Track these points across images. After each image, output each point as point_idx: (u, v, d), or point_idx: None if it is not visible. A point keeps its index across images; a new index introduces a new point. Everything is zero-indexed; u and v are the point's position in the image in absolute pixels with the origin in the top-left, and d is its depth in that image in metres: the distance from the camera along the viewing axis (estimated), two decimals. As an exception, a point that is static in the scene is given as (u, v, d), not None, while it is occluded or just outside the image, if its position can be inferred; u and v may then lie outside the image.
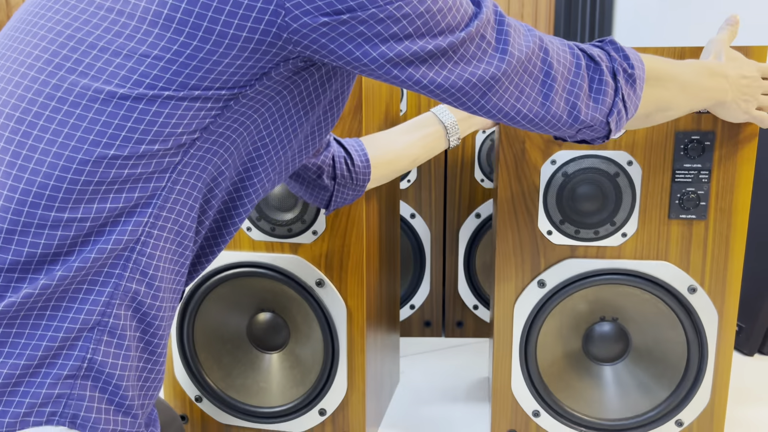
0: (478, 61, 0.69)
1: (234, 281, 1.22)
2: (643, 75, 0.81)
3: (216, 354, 1.27)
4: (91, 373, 0.61)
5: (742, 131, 1.08)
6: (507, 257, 1.18)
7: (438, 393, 1.51)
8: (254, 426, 1.28)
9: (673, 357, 1.18)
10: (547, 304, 1.17)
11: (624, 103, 0.79)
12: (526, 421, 1.23)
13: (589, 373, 1.23)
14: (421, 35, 0.65)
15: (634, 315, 1.19)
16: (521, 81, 0.72)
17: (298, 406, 1.24)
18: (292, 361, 1.26)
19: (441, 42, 0.66)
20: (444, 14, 0.65)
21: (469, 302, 1.80)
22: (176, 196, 0.64)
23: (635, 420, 1.19)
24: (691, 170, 1.10)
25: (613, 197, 1.12)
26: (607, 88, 0.77)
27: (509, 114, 0.74)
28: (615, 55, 0.79)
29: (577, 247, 1.16)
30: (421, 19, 0.64)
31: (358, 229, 1.16)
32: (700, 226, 1.12)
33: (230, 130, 0.66)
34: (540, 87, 0.73)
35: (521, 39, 0.72)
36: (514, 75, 0.71)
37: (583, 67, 0.76)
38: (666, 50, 1.07)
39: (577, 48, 0.78)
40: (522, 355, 1.20)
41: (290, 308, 1.24)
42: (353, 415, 1.23)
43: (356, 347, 1.20)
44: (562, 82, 0.74)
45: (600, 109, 0.77)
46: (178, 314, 1.23)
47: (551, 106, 0.74)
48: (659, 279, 1.13)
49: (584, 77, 0.76)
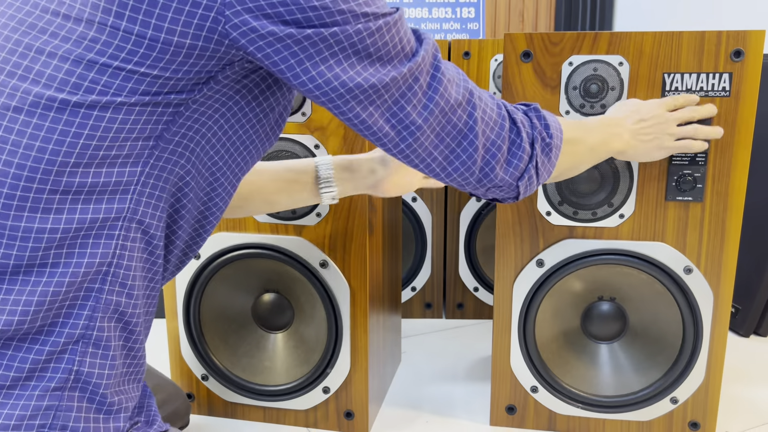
0: (406, 102, 0.68)
1: (239, 262, 1.25)
2: (560, 144, 0.83)
3: (222, 334, 1.30)
4: (79, 384, 0.63)
5: (738, 115, 1.10)
6: (507, 237, 1.20)
7: (439, 372, 1.54)
8: (259, 404, 1.31)
9: (669, 336, 1.21)
10: (546, 283, 1.19)
11: (536, 170, 0.81)
12: (525, 397, 1.26)
13: (587, 351, 1.26)
14: (365, 65, 0.64)
15: (632, 295, 1.22)
16: (443, 131, 0.72)
17: (303, 384, 1.27)
18: (296, 340, 1.29)
19: (381, 75, 0.65)
20: (387, 44, 0.65)
21: (470, 284, 1.82)
22: (144, 208, 0.65)
23: (631, 397, 1.22)
24: (688, 153, 1.12)
25: (611, 179, 1.15)
26: (523, 154, 0.79)
27: (426, 161, 0.74)
28: (537, 123, 0.81)
29: (575, 228, 1.18)
30: (369, 48, 0.64)
31: (361, 211, 1.18)
32: (696, 208, 1.14)
33: (186, 138, 0.66)
34: (461, 140, 0.74)
35: (452, 89, 0.72)
36: (436, 125, 0.71)
37: (506, 128, 0.77)
38: (664, 34, 1.09)
39: (504, 108, 0.79)
40: (521, 333, 1.23)
41: (294, 289, 1.27)
42: (356, 393, 1.26)
43: (359, 327, 1.23)
44: (483, 139, 0.75)
45: (512, 172, 0.79)
46: (185, 295, 1.26)
47: (467, 161, 0.75)
48: (656, 260, 1.16)
49: (505, 139, 0.77)
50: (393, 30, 0.65)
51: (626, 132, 1.00)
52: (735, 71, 1.08)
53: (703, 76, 1.09)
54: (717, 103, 1.10)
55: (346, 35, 0.62)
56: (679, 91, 1.10)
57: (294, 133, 1.18)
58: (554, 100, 1.13)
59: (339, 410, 1.28)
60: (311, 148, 1.17)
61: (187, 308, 1.27)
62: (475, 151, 0.74)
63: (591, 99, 1.12)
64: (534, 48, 1.12)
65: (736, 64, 1.08)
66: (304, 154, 1.18)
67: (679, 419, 1.23)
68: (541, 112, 0.83)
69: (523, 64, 1.13)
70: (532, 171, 0.80)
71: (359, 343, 1.24)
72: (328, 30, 0.61)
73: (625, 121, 1.01)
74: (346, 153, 1.17)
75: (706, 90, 1.09)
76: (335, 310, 1.22)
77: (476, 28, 3.29)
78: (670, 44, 1.09)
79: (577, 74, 1.12)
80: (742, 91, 1.09)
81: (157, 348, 1.66)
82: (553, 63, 1.12)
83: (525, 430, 1.28)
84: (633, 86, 1.11)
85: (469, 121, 0.73)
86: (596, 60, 1.11)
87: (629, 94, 1.11)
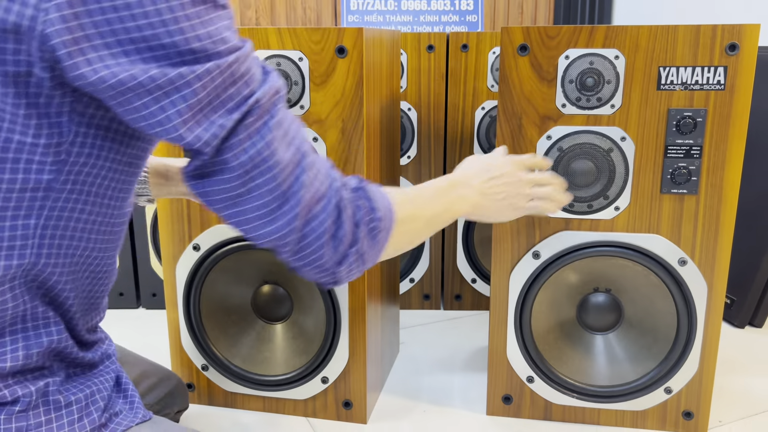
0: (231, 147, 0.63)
1: (239, 254, 1.26)
2: (390, 226, 0.76)
3: (222, 324, 1.32)
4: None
5: (733, 108, 1.11)
6: (503, 230, 1.22)
7: (436, 363, 1.56)
8: (259, 393, 1.32)
9: (664, 327, 1.22)
10: (542, 275, 1.21)
11: (360, 257, 0.73)
12: (521, 387, 1.28)
13: (583, 341, 1.27)
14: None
15: (627, 286, 1.23)
16: (263, 185, 0.65)
17: (302, 374, 1.28)
18: (295, 331, 1.31)
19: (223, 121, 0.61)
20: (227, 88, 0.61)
21: (468, 276, 1.84)
22: (45, 260, 0.64)
23: (626, 386, 1.23)
24: (683, 146, 1.13)
25: (606, 172, 1.16)
26: (344, 237, 0.71)
27: (238, 216, 0.67)
28: (363, 203, 0.73)
29: (571, 221, 1.19)
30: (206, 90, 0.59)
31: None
32: (691, 201, 1.16)
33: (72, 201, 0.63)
34: (281, 203, 0.66)
35: (283, 145, 0.65)
36: (257, 176, 0.64)
37: (332, 205, 0.70)
38: (660, 28, 1.09)
39: (337, 183, 0.72)
40: (517, 323, 1.24)
41: (294, 280, 1.28)
42: (354, 382, 1.28)
43: (358, 318, 1.24)
44: (306, 208, 0.67)
45: (332, 257, 0.71)
46: (185, 285, 1.27)
47: (284, 227, 0.67)
48: (651, 251, 1.17)
49: (330, 215, 0.69)
50: (226, 75, 0.61)
51: (474, 193, 0.93)
52: (730, 65, 1.09)
53: (698, 70, 1.10)
54: (712, 96, 1.11)
55: (184, 82, 0.58)
56: (675, 84, 1.11)
57: None
58: (550, 93, 1.14)
59: (338, 400, 1.30)
60: (310, 141, 1.18)
61: (188, 299, 1.28)
62: (295, 218, 0.67)
63: (587, 92, 1.13)
64: (531, 41, 1.13)
65: (731, 58, 1.09)
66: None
67: (673, 409, 1.24)
68: (369, 192, 0.75)
69: (520, 58, 1.14)
70: (353, 257, 0.72)
71: (357, 333, 1.25)
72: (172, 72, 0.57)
73: (473, 180, 0.94)
74: (345, 146, 1.18)
75: (701, 83, 1.10)
76: (334, 302, 1.24)
77: (475, 21, 3.29)
78: (665, 38, 1.10)
79: (574, 68, 1.13)
80: (737, 85, 1.10)
81: (157, 339, 1.68)
82: (550, 56, 1.13)
83: (521, 419, 1.30)
84: (629, 80, 1.12)
85: (294, 184, 0.66)
86: (592, 54, 1.12)
87: (625, 87, 1.12)
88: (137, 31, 0.55)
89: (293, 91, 1.17)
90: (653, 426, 1.26)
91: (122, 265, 1.85)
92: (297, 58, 1.15)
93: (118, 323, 1.79)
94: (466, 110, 1.73)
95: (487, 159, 0.98)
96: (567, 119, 1.15)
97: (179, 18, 0.56)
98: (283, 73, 1.16)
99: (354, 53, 1.14)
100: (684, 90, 1.11)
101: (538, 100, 1.15)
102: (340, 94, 1.16)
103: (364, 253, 0.73)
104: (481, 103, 1.72)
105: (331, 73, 1.15)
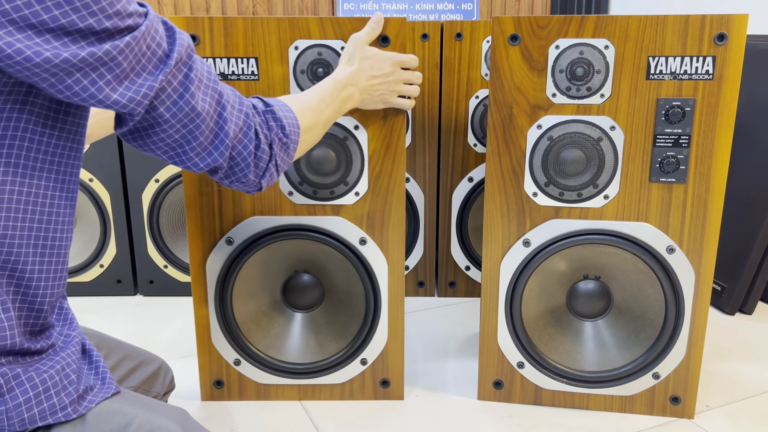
0: (160, 103, 0.71)
1: (272, 245, 1.26)
2: (297, 138, 0.91)
3: (254, 317, 1.32)
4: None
5: (721, 98, 1.12)
6: (494, 218, 1.23)
7: (430, 348, 1.58)
8: (296, 382, 1.33)
9: (652, 313, 1.24)
10: (532, 263, 1.22)
11: (276, 167, 0.89)
12: (511, 372, 1.30)
13: (572, 328, 1.29)
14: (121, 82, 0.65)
15: (616, 273, 1.25)
16: (196, 129, 0.75)
17: (340, 358, 1.30)
18: (329, 317, 1.32)
19: (136, 87, 0.67)
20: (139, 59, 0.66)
21: (461, 263, 1.85)
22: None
23: (615, 372, 1.26)
24: (671, 135, 1.15)
25: (596, 161, 1.17)
26: (263, 155, 0.85)
27: (183, 154, 0.77)
28: (273, 124, 0.87)
29: (561, 209, 1.21)
30: (121, 65, 0.65)
31: (399, 188, 1.22)
32: (679, 189, 1.17)
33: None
34: (213, 138, 0.78)
35: (201, 92, 0.74)
36: (189, 122, 0.74)
37: (252, 131, 0.84)
38: (650, 18, 1.10)
39: (250, 111, 0.84)
40: (507, 310, 1.26)
41: (326, 267, 1.30)
42: (392, 362, 1.31)
43: (397, 298, 1.27)
44: (233, 139, 0.80)
45: (256, 172, 0.86)
46: (218, 281, 1.26)
47: (219, 158, 0.80)
48: (639, 239, 1.19)
49: (252, 139, 0.84)
50: (142, 43, 0.66)
51: (358, 91, 1.09)
52: (718, 55, 1.10)
53: (687, 60, 1.11)
54: (701, 86, 1.12)
55: (109, 57, 0.63)
56: (664, 74, 1.12)
57: None
58: (541, 83, 1.15)
59: (375, 380, 1.32)
60: (351, 129, 1.20)
61: (221, 293, 1.27)
62: (226, 149, 0.79)
63: (577, 82, 1.14)
64: (521, 31, 1.14)
65: (720, 48, 1.10)
66: (344, 135, 1.20)
67: (661, 394, 1.27)
68: (277, 112, 0.88)
69: (511, 47, 1.15)
70: (272, 170, 0.88)
71: (397, 313, 1.28)
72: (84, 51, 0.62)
73: (359, 79, 1.09)
74: (386, 132, 1.21)
75: (689, 73, 1.12)
76: (374, 284, 1.26)
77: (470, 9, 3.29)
78: (655, 28, 1.11)
79: (564, 57, 1.14)
80: (725, 75, 1.11)
81: (154, 326, 1.70)
82: (540, 46, 1.14)
83: (512, 404, 1.32)
84: (618, 69, 1.13)
85: (219, 121, 0.78)
86: (582, 43, 1.13)
87: (614, 76, 1.13)
88: (50, 12, 0.58)
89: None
90: (641, 411, 1.28)
91: (119, 252, 1.87)
92: (339, 47, 1.16)
93: (115, 310, 1.81)
94: (460, 99, 1.74)
95: (374, 57, 1.11)
96: (557, 108, 1.16)
97: (90, 3, 0.60)
98: (324, 63, 1.17)
99: (397, 42, 1.15)
100: (673, 80, 1.12)
101: (528, 89, 1.16)
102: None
103: (279, 164, 0.89)
104: (475, 92, 1.73)
105: None
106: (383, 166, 1.22)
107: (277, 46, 1.17)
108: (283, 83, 1.18)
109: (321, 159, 1.21)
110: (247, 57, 1.17)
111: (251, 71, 1.18)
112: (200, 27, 1.16)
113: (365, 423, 1.27)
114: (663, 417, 1.28)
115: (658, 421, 1.27)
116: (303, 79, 1.18)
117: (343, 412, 1.30)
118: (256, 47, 1.17)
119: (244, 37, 1.16)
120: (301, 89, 1.18)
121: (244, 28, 1.16)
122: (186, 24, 1.15)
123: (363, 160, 1.21)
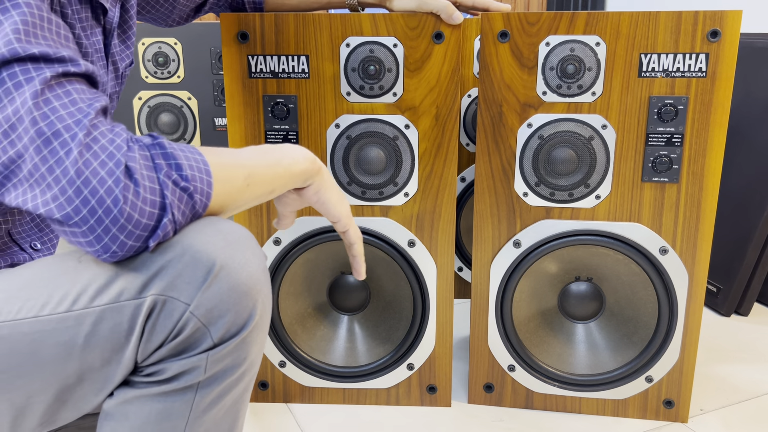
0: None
1: (319, 246, 1.24)
2: (208, 180, 0.62)
3: (300, 318, 1.30)
4: None
5: (714, 96, 1.10)
6: (484, 218, 1.21)
7: (421, 351, 1.55)
8: (341, 386, 1.30)
9: (645, 316, 1.22)
10: (523, 264, 1.20)
11: (175, 223, 0.60)
12: (502, 375, 1.28)
13: (564, 330, 1.27)
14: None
15: (608, 275, 1.23)
16: (42, 162, 0.57)
17: (387, 362, 1.28)
18: (375, 320, 1.30)
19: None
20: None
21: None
22: None
23: (607, 375, 1.23)
24: (664, 134, 1.12)
25: (587, 160, 1.15)
26: (146, 207, 0.58)
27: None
28: (162, 162, 0.60)
29: (552, 209, 1.19)
30: None
31: (450, 190, 1.19)
32: (672, 189, 1.15)
33: None
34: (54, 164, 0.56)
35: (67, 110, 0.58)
36: (36, 154, 0.56)
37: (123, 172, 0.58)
38: (641, 14, 1.08)
39: (132, 142, 0.60)
40: (498, 313, 1.24)
41: (374, 269, 1.27)
42: (440, 367, 1.28)
43: (446, 302, 1.25)
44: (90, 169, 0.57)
45: (143, 220, 0.58)
46: None
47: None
48: (632, 240, 1.17)
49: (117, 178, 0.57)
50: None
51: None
52: (711, 52, 1.08)
53: (680, 57, 1.09)
54: (693, 83, 1.10)
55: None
56: (656, 72, 1.10)
57: (384, 114, 1.17)
58: (531, 80, 1.13)
59: (422, 385, 1.29)
60: (402, 128, 1.17)
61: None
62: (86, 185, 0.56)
63: (568, 80, 1.12)
64: (511, 28, 1.12)
65: (713, 45, 1.08)
66: (394, 135, 1.17)
67: (654, 397, 1.24)
68: (167, 148, 0.61)
69: (501, 45, 1.13)
70: (168, 227, 0.60)
71: (446, 318, 1.26)
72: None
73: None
74: (438, 132, 1.17)
75: (682, 71, 1.09)
76: (422, 287, 1.24)
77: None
78: (647, 24, 1.09)
79: (554, 54, 1.11)
80: (719, 72, 1.09)
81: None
82: (530, 43, 1.12)
83: (502, 407, 1.30)
84: (610, 67, 1.11)
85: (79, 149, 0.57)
86: (573, 40, 1.10)
87: (606, 74, 1.11)
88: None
89: (386, 78, 1.14)
90: (634, 415, 1.26)
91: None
92: (392, 44, 1.13)
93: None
94: (452, 98, 1.71)
95: None
96: (548, 107, 1.14)
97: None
98: (376, 60, 1.14)
99: (452, 39, 1.12)
100: (665, 77, 1.10)
101: (518, 87, 1.14)
102: (435, 81, 1.14)
103: (182, 218, 0.62)
104: (467, 91, 1.71)
105: (427, 59, 1.14)
106: (434, 166, 1.19)
107: (329, 43, 1.14)
108: (334, 81, 1.16)
109: (370, 159, 1.18)
110: (298, 54, 1.15)
111: (302, 69, 1.15)
112: (251, 24, 1.13)
113: (356, 423, 1.24)
114: (656, 421, 1.25)
115: (652, 425, 1.24)
116: (354, 77, 1.15)
117: (336, 416, 1.28)
118: (307, 44, 1.14)
119: (295, 34, 1.14)
120: (352, 87, 1.15)
121: (296, 24, 1.13)
122: (237, 21, 1.13)
123: (413, 160, 1.18)
